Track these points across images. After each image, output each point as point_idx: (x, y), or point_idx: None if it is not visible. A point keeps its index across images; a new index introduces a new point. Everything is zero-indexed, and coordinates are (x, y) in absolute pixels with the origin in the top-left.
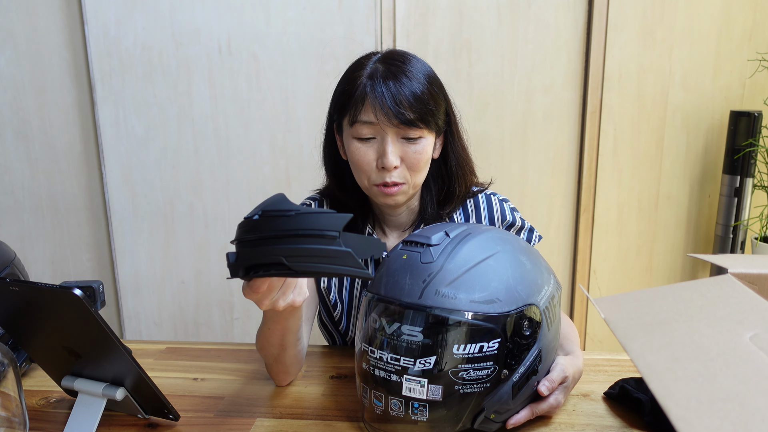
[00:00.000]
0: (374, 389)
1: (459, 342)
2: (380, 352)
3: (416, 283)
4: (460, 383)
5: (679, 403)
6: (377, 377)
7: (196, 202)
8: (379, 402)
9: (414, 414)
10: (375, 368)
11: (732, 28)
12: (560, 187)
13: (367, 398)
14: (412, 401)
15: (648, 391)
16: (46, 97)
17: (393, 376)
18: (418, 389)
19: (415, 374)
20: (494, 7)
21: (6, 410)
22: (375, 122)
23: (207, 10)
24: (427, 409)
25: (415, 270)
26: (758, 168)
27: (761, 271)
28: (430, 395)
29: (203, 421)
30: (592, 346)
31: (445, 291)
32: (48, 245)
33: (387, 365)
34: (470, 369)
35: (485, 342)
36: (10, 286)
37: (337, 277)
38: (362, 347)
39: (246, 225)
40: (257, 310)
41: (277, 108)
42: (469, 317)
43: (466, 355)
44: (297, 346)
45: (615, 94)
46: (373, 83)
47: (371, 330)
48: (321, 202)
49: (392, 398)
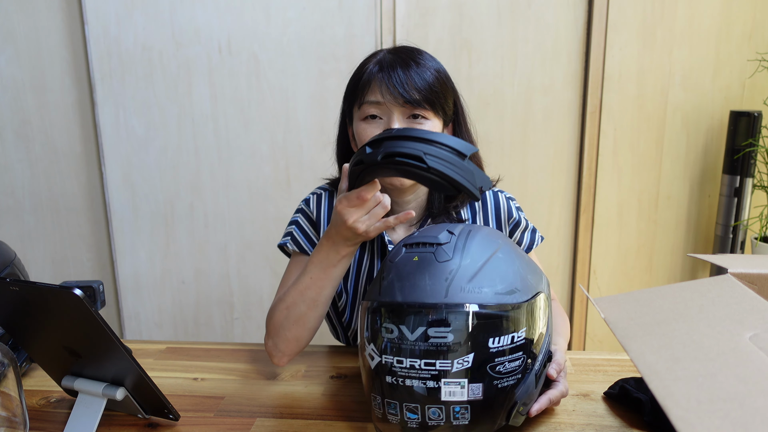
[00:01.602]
0: (407, 402)
1: (493, 335)
2: (410, 360)
3: (438, 283)
4: (497, 378)
5: (679, 403)
6: (409, 388)
7: (196, 202)
8: (414, 414)
9: (455, 419)
10: (406, 378)
11: (732, 28)
12: (560, 187)
13: (396, 414)
14: (452, 405)
15: (648, 391)
16: (46, 97)
17: (429, 383)
18: (458, 391)
19: (454, 376)
20: (494, 7)
21: (6, 410)
22: (381, 101)
23: (207, 10)
24: (468, 411)
25: (434, 270)
26: (758, 168)
27: (761, 271)
28: (471, 395)
29: (203, 421)
30: (592, 346)
31: (469, 287)
32: (48, 245)
33: (421, 372)
34: (505, 362)
35: (515, 332)
36: (10, 286)
37: (456, 189)
38: (383, 361)
39: (387, 132)
40: (257, 310)
41: (277, 108)
42: (499, 310)
43: (500, 348)
44: (325, 307)
45: (615, 94)
46: (381, 68)
47: (389, 341)
48: (330, 194)
49: (430, 407)
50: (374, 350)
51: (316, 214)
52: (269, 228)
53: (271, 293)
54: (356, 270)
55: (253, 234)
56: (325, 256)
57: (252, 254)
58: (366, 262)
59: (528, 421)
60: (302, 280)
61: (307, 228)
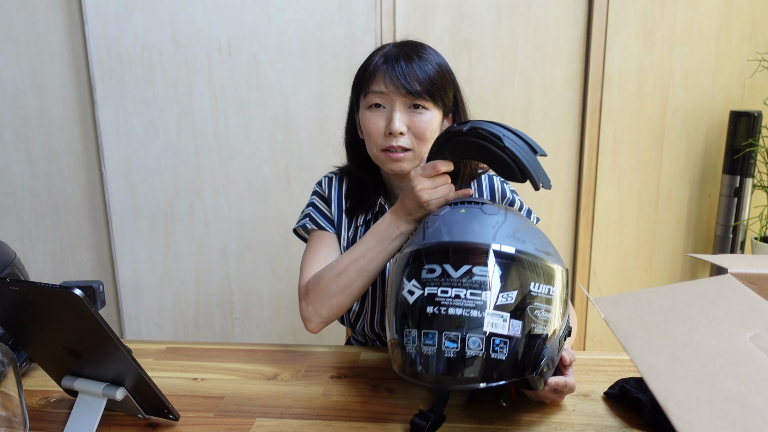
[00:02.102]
0: (447, 330)
1: (534, 281)
2: (455, 290)
3: (486, 229)
4: (534, 321)
5: (679, 403)
6: (452, 317)
7: (196, 202)
8: (453, 343)
9: (494, 351)
10: (449, 308)
11: (732, 28)
12: (560, 187)
13: (433, 344)
14: (493, 338)
15: (648, 391)
16: (46, 97)
17: (473, 312)
18: (500, 324)
19: (498, 309)
20: (494, 7)
21: (6, 410)
22: (385, 91)
23: (207, 10)
24: (507, 347)
25: (482, 219)
26: (758, 168)
27: (761, 271)
28: (511, 331)
29: (203, 421)
30: (592, 346)
31: (515, 236)
32: (48, 245)
33: (465, 302)
34: (542, 309)
35: (550, 286)
36: (10, 286)
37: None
38: (426, 293)
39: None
40: (257, 310)
41: (277, 108)
42: (541, 261)
43: (539, 294)
44: (371, 279)
45: (615, 94)
46: (386, 60)
47: (432, 279)
48: (341, 178)
49: (471, 336)
50: (416, 284)
51: (328, 193)
52: (269, 228)
53: (271, 293)
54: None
55: (253, 234)
56: (386, 228)
57: (252, 254)
58: None
59: (528, 421)
60: (356, 249)
61: (322, 207)
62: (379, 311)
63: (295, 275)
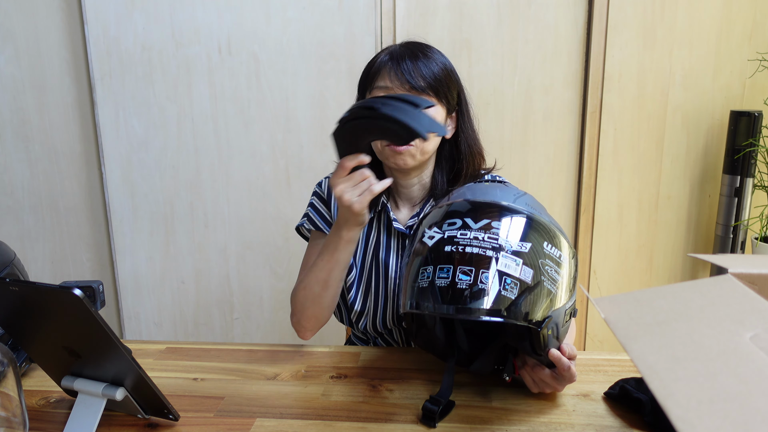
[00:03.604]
0: (462, 264)
1: (547, 241)
2: (474, 233)
3: (507, 195)
4: (544, 275)
5: (679, 403)
6: (469, 253)
7: (196, 202)
8: (467, 276)
9: (505, 289)
10: (467, 246)
11: (732, 28)
12: (560, 187)
13: (447, 277)
14: (505, 277)
15: (648, 391)
16: (46, 97)
17: (489, 252)
18: (513, 266)
19: (512, 254)
20: (494, 7)
21: (6, 410)
22: (389, 86)
23: (207, 10)
24: (517, 288)
25: (503, 189)
26: (758, 168)
27: (761, 271)
28: (522, 275)
29: (203, 421)
30: (592, 346)
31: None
32: (48, 245)
33: (483, 242)
34: (553, 267)
35: (561, 252)
36: (10, 286)
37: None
38: (446, 235)
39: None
40: (257, 310)
41: (277, 108)
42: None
43: (551, 253)
44: (337, 287)
45: (615, 94)
46: (392, 57)
47: (452, 228)
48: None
49: (484, 272)
50: (437, 230)
51: (327, 194)
52: (269, 228)
53: (271, 293)
54: (363, 246)
55: (253, 234)
56: (331, 239)
57: (252, 254)
58: (373, 239)
59: (528, 422)
60: (316, 262)
61: (320, 207)
62: (382, 309)
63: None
